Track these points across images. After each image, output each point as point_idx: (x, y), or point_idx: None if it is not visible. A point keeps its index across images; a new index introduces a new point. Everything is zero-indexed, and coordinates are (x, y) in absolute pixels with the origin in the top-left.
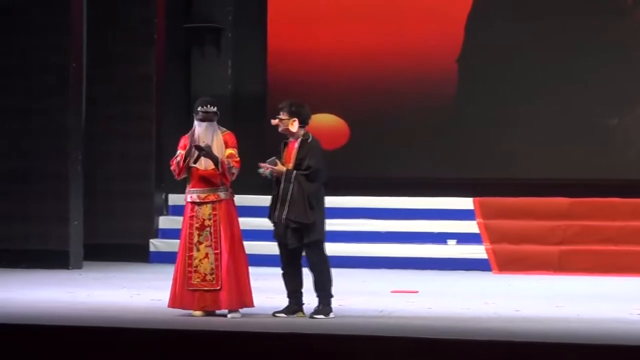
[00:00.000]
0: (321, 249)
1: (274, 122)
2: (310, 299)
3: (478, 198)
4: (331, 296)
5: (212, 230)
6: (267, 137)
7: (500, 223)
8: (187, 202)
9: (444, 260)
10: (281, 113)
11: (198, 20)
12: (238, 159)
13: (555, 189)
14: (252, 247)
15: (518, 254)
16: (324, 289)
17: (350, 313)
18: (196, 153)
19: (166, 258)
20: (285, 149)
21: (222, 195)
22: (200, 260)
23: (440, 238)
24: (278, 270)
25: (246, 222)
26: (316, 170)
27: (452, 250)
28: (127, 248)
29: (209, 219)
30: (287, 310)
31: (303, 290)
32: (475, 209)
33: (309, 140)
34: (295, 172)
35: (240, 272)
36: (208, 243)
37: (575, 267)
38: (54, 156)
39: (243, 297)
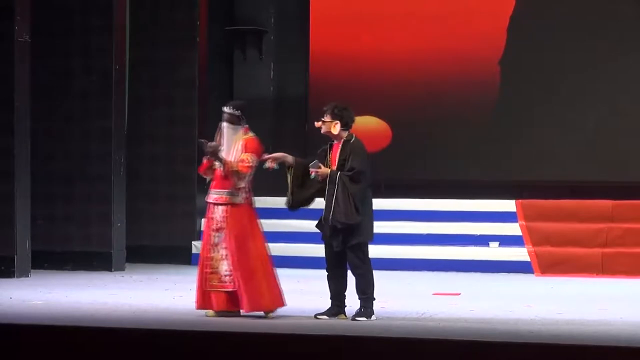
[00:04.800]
0: (363, 252)
1: (317, 124)
2: (352, 301)
3: (520, 200)
4: (373, 299)
5: (226, 232)
6: (308, 139)
7: (543, 225)
8: (208, 203)
9: (486, 263)
10: (325, 115)
11: (240, 22)
12: (249, 164)
13: (598, 191)
14: (292, 249)
15: (560, 257)
16: (365, 292)
17: (392, 315)
18: (222, 153)
19: None
20: (330, 152)
21: (232, 198)
22: (217, 261)
23: (482, 240)
24: (319, 273)
25: (287, 225)
26: (360, 171)
27: (494, 252)
28: (170, 250)
29: (223, 221)
30: (329, 313)
31: (346, 293)
32: (517, 211)
33: (351, 142)
34: (339, 173)
35: (258, 275)
36: (224, 244)
37: (619, 270)
38: (97, 158)
39: (260, 299)
